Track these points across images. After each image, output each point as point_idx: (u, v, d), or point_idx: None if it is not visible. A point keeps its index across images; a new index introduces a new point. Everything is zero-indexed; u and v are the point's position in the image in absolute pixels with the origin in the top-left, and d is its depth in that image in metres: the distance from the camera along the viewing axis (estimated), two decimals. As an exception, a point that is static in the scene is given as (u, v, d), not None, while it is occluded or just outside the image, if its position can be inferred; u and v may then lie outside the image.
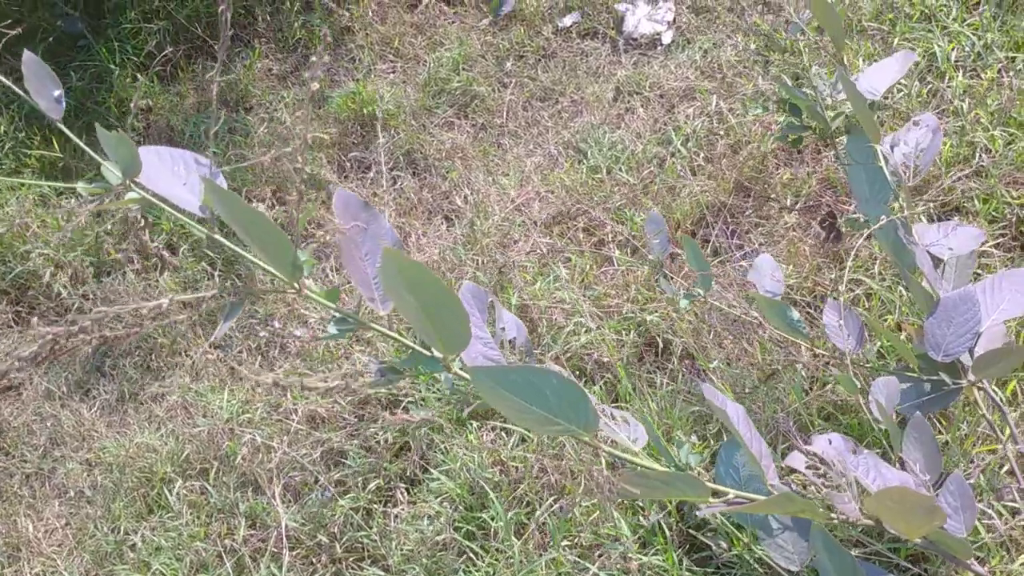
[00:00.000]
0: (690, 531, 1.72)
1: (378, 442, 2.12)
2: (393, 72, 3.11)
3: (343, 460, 2.14)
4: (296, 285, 0.90)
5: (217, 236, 0.96)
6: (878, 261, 1.96)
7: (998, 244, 1.92)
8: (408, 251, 2.51)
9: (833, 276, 2.01)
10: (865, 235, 1.42)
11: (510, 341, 1.00)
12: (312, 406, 2.26)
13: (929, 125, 1.56)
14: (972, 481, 1.56)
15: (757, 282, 1.58)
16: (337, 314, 0.93)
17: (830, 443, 1.10)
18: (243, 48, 3.33)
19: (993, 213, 1.95)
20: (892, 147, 1.57)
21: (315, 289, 0.93)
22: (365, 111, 2.92)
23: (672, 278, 1.66)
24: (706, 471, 1.69)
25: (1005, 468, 1.54)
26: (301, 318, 2.46)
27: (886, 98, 2.25)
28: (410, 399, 2.12)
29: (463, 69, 2.97)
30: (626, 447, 0.95)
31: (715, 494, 0.95)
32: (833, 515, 0.96)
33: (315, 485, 2.14)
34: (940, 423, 1.69)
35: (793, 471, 1.12)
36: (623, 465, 0.99)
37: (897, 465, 1.31)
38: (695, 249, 1.58)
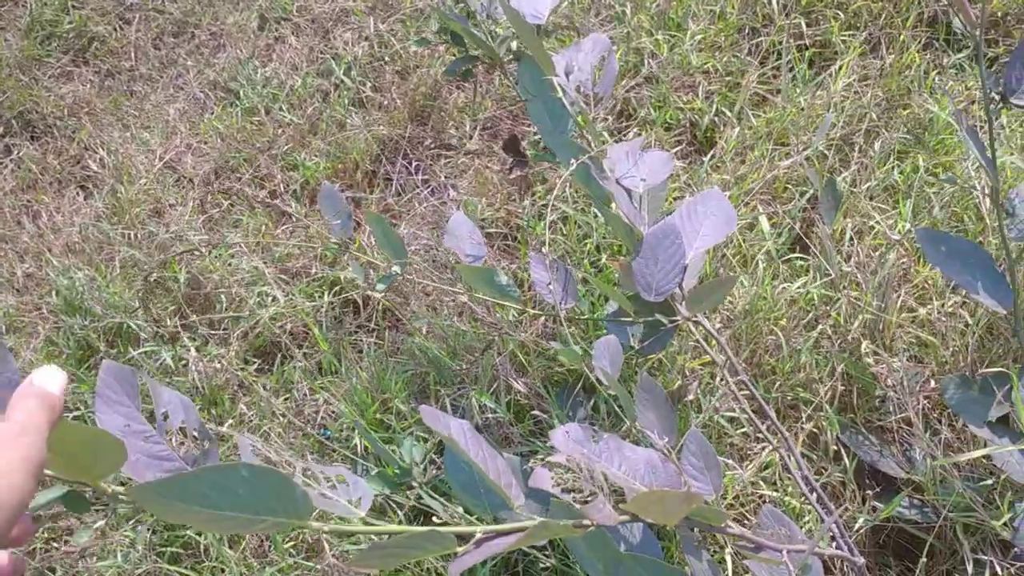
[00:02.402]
0: (418, 504, 1.59)
1: (42, 471, 1.77)
2: (-18, 15, 2.56)
3: None
4: None
5: None
6: (569, 185, 1.90)
7: (677, 152, 1.93)
8: (41, 232, 2.09)
9: (526, 203, 1.93)
10: (565, 176, 1.31)
11: (179, 428, 0.77)
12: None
13: (601, 47, 1.47)
14: (691, 398, 1.56)
15: (455, 248, 1.43)
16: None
17: (568, 435, 0.99)
18: None
19: (668, 120, 1.95)
20: (567, 75, 1.47)
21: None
22: (-47, 66, 2.38)
23: (358, 257, 1.47)
24: (434, 461, 1.56)
25: (719, 378, 1.56)
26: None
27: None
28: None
29: (74, 7, 2.50)
30: (351, 516, 0.77)
31: (460, 537, 0.81)
32: (590, 524, 0.85)
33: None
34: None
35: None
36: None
37: (635, 428, 1.25)
38: (384, 227, 1.38)
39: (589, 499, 0.88)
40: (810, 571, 1.11)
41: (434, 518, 1.38)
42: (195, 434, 0.75)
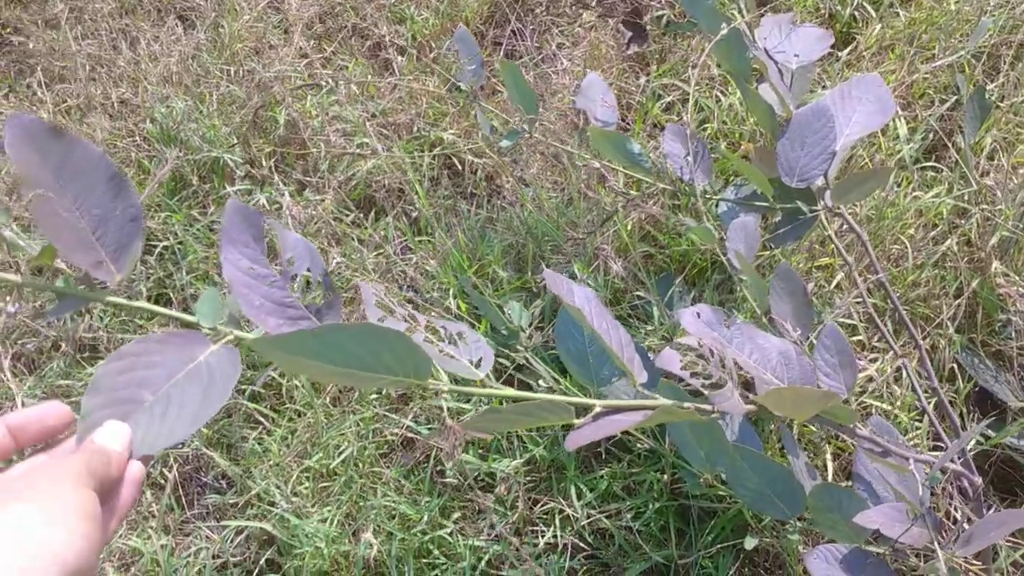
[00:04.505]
0: (511, 373, 1.56)
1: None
2: None
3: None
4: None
5: None
6: (691, 63, 1.80)
7: (809, 43, 1.81)
8: (137, 59, 2.05)
9: (641, 81, 1.84)
10: (711, 44, 1.22)
11: (306, 274, 0.73)
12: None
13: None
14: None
15: (586, 108, 1.35)
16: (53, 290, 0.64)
17: (699, 316, 0.93)
18: None
19: (807, 5, 1.83)
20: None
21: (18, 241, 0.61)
22: None
23: (478, 102, 1.39)
24: (538, 330, 1.52)
25: (834, 283, 1.49)
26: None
27: None
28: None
29: None
30: (470, 378, 0.74)
31: (577, 410, 0.77)
32: (712, 411, 0.81)
33: (55, 353, 1.75)
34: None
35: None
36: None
37: (765, 318, 1.19)
38: (517, 76, 1.31)
39: (716, 384, 0.83)
40: (938, 482, 1.07)
41: (541, 382, 1.35)
42: (319, 282, 0.72)
